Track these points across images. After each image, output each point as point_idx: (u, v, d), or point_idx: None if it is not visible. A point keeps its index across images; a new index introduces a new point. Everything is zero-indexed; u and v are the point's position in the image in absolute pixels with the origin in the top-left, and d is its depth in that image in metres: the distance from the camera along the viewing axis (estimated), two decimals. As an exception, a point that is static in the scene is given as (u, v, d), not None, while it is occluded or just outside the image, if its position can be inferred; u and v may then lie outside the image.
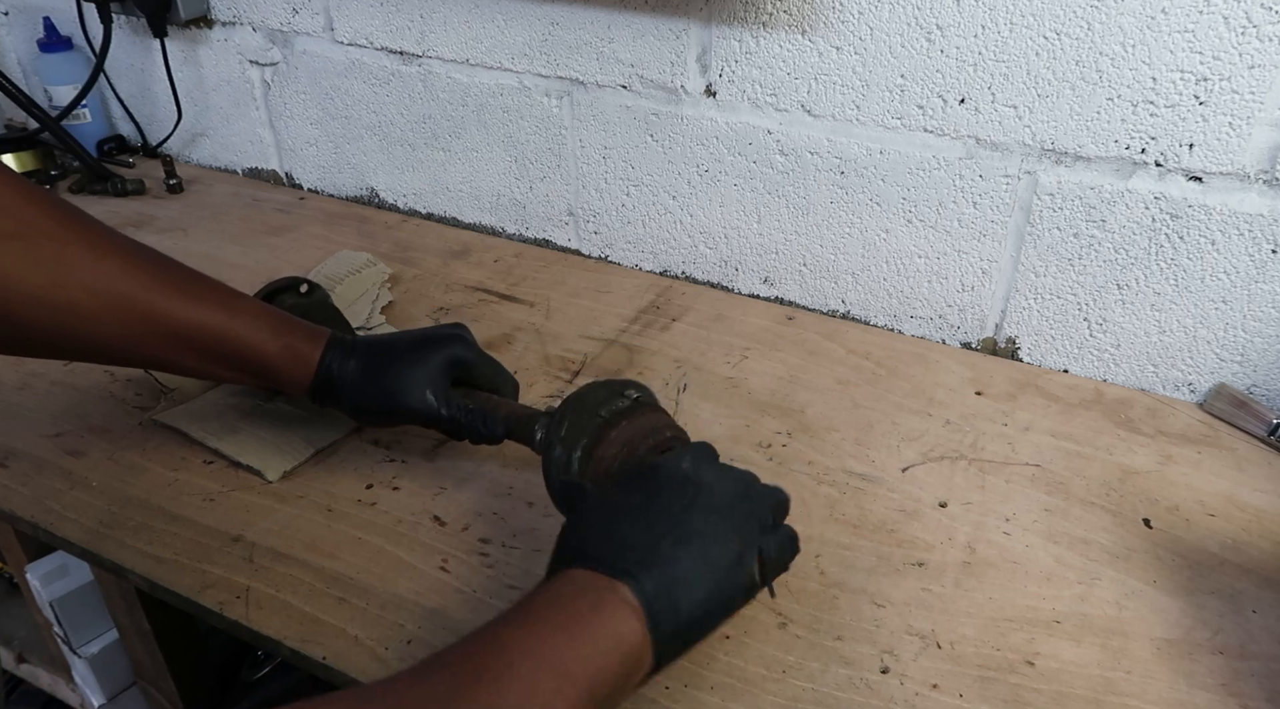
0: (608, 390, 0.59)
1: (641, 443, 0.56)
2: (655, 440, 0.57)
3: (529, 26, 0.96)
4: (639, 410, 0.58)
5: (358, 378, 0.65)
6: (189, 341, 0.62)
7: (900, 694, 0.55)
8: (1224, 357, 0.80)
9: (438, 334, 0.68)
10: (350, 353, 0.65)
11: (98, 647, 0.88)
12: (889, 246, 0.89)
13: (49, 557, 0.86)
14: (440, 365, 0.65)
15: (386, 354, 0.66)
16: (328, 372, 0.64)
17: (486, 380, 0.68)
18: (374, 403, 0.65)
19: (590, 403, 0.58)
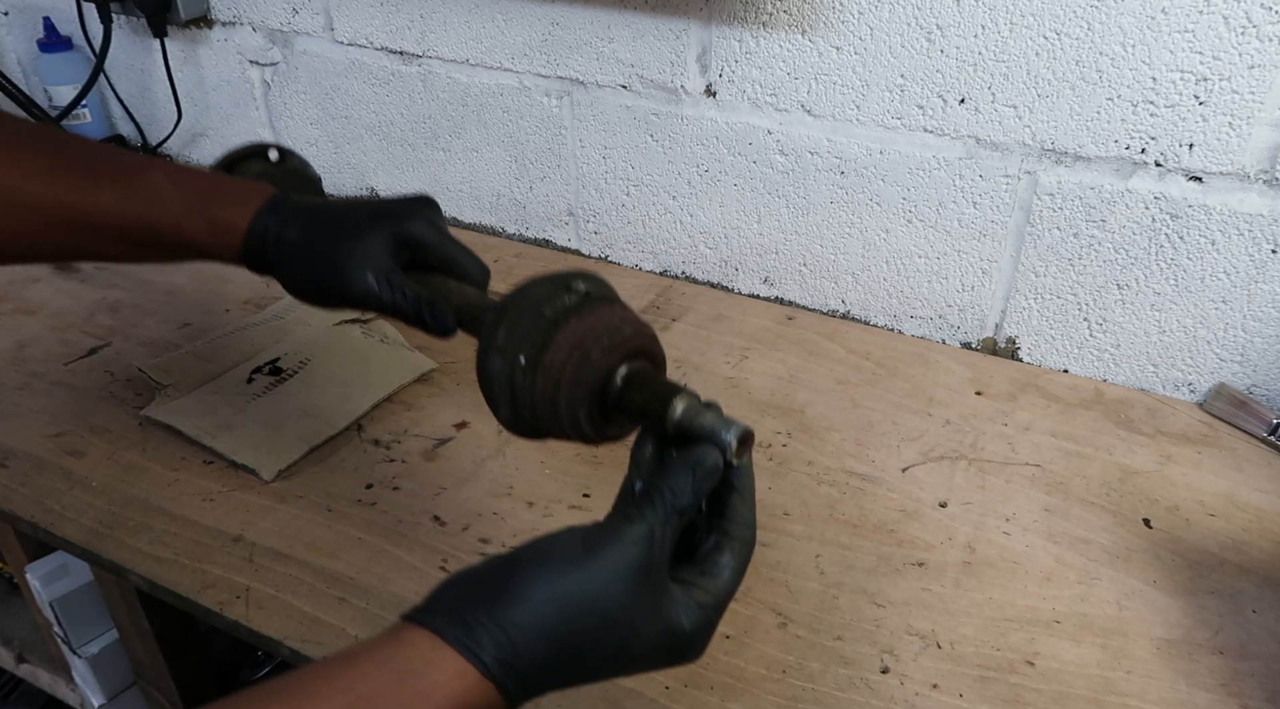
0: (551, 284, 0.49)
1: (595, 344, 0.46)
2: (612, 340, 0.47)
3: (529, 26, 0.96)
4: (590, 306, 0.48)
5: (295, 247, 0.56)
6: (92, 229, 0.55)
7: (900, 694, 0.55)
8: (1224, 356, 0.80)
9: (393, 207, 0.58)
10: (293, 218, 0.57)
11: (98, 647, 0.88)
12: (889, 246, 0.89)
13: (49, 557, 0.86)
14: (388, 242, 0.56)
15: (332, 224, 0.57)
16: (260, 238, 0.56)
17: (447, 264, 0.58)
18: (308, 277, 0.57)
19: (531, 300, 0.48)
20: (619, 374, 0.47)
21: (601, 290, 0.50)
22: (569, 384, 0.46)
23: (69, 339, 0.88)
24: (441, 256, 0.58)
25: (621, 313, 0.49)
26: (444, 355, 0.86)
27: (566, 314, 0.47)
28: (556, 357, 0.46)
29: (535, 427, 0.48)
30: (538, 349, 0.46)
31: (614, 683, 0.54)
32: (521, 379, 0.47)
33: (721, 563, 0.43)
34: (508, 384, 0.47)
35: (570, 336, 0.46)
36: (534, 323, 0.47)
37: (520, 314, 0.47)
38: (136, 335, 0.89)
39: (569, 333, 0.46)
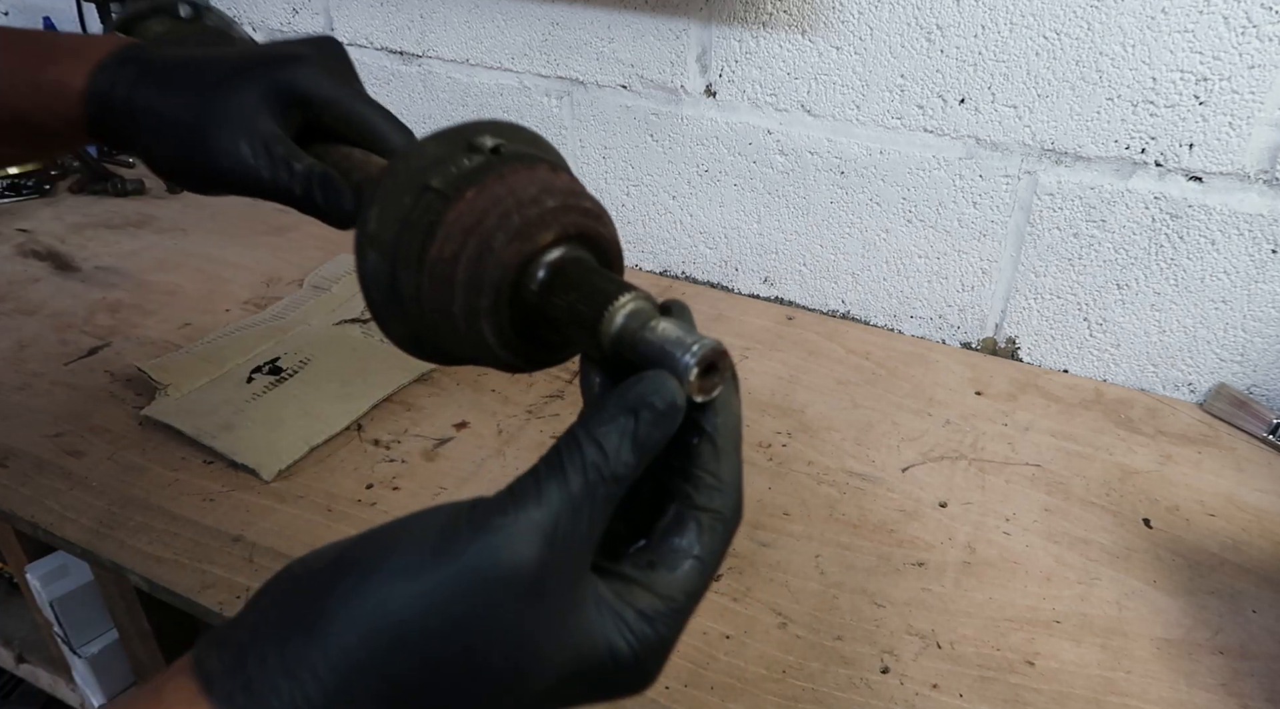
0: (448, 142, 0.36)
1: (501, 226, 0.32)
2: (527, 218, 0.33)
3: (529, 26, 0.96)
4: (497, 170, 0.34)
5: (149, 111, 0.43)
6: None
7: (900, 694, 0.55)
8: (1224, 356, 0.80)
9: (272, 53, 0.45)
10: (147, 73, 0.44)
11: (98, 647, 0.88)
12: (889, 246, 0.89)
13: (49, 557, 0.86)
14: (266, 98, 0.43)
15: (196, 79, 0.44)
16: (103, 101, 0.44)
17: (350, 127, 0.45)
18: (169, 150, 0.44)
19: (417, 167, 0.35)
20: (539, 269, 0.33)
21: (518, 146, 0.36)
22: (465, 286, 0.33)
23: (69, 339, 0.88)
24: (344, 116, 0.45)
25: (546, 177, 0.34)
26: (444, 355, 0.86)
27: (462, 183, 0.34)
28: (446, 247, 0.33)
29: (440, 347, 0.36)
30: (421, 237, 0.34)
31: (614, 683, 0.54)
32: (407, 280, 0.34)
33: (680, 547, 0.29)
34: (388, 290, 0.35)
35: (467, 216, 0.33)
36: (417, 199, 0.34)
37: (399, 187, 0.35)
38: (136, 335, 0.89)
39: (465, 210, 0.33)
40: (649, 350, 0.29)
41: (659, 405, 0.28)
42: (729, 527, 0.30)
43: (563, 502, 0.26)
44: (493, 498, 0.27)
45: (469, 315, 0.33)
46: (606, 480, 0.27)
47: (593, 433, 0.27)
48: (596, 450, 0.27)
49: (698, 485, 0.30)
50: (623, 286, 0.31)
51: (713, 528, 0.29)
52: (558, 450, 0.27)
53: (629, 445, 0.27)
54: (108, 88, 0.44)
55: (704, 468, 0.30)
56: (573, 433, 0.28)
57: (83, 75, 0.44)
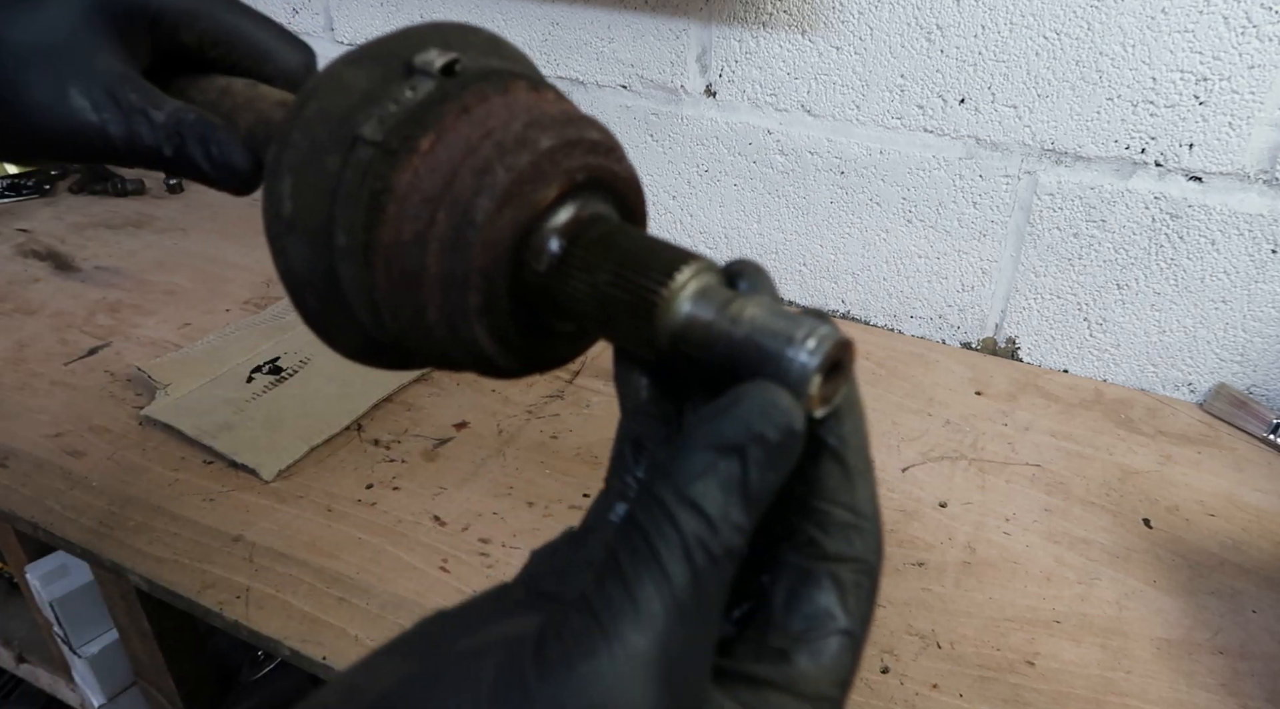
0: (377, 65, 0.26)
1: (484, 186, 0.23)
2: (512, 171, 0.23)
3: (529, 26, 0.96)
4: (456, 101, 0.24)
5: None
6: None
7: (900, 694, 0.55)
8: (1224, 357, 0.80)
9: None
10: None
11: (98, 647, 0.88)
12: (889, 246, 0.89)
13: (49, 557, 0.86)
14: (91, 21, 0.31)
15: None
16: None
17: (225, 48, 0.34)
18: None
19: (334, 109, 0.25)
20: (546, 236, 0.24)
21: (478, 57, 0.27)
22: (442, 282, 0.24)
23: (69, 339, 0.88)
24: (213, 33, 0.33)
25: (529, 101, 0.25)
26: (444, 355, 0.86)
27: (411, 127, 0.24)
28: (405, 228, 0.24)
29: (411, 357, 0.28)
30: (363, 215, 0.24)
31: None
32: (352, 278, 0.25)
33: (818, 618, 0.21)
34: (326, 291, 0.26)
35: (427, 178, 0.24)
36: (345, 158, 0.25)
37: (317, 143, 0.25)
38: (136, 335, 0.89)
39: (422, 170, 0.24)
40: (738, 349, 0.21)
41: (773, 436, 0.19)
42: (876, 579, 0.22)
43: (669, 613, 0.18)
44: (567, 618, 0.18)
45: (453, 320, 0.24)
46: (719, 561, 0.18)
47: (686, 493, 0.19)
48: (698, 519, 0.18)
49: (827, 526, 0.22)
50: (677, 255, 0.22)
51: (858, 585, 0.22)
52: (640, 529, 0.18)
53: (739, 502, 0.19)
54: None
55: (833, 500, 0.22)
56: (655, 497, 0.19)
57: None
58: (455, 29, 0.27)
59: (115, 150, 0.31)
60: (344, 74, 0.25)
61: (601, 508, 0.24)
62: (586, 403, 0.80)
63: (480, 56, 0.27)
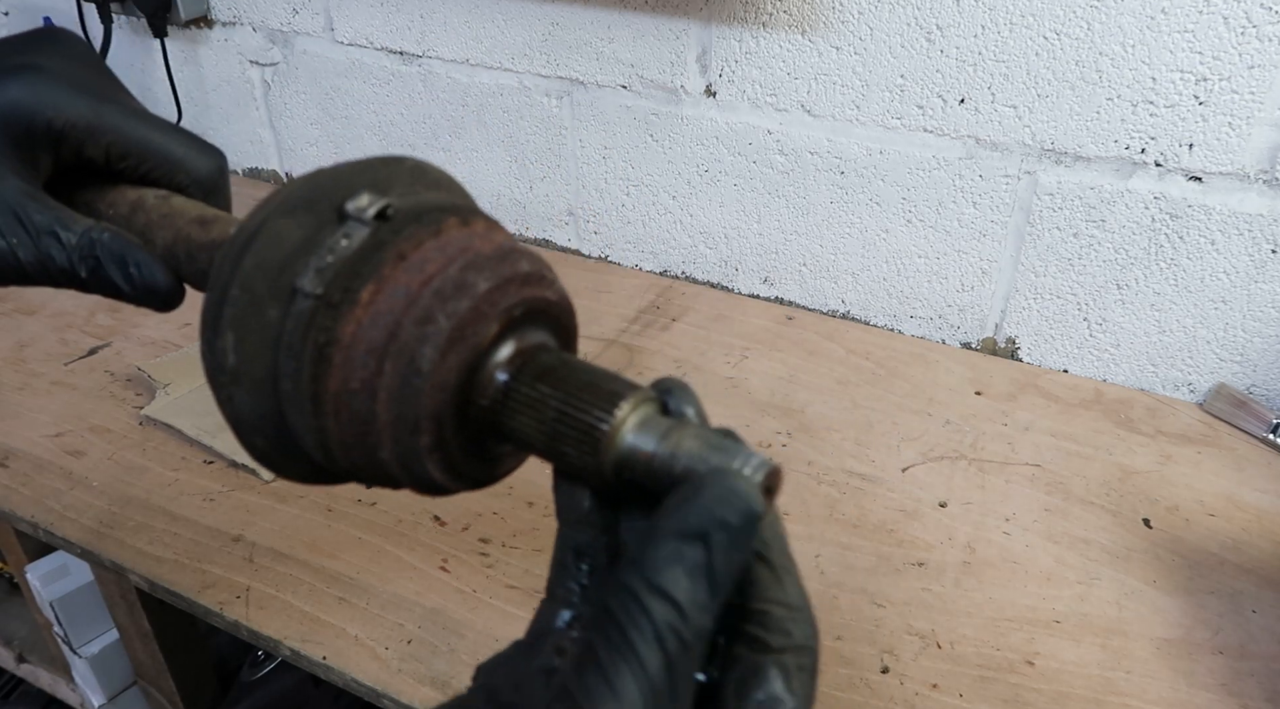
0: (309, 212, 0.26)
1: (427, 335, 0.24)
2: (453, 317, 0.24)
3: (529, 26, 0.96)
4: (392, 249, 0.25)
5: None
6: None
7: (900, 694, 0.55)
8: (1224, 356, 0.80)
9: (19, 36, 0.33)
10: None
11: (98, 647, 0.88)
12: (889, 246, 0.89)
13: (49, 557, 0.86)
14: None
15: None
16: None
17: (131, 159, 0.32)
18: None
19: (272, 260, 0.25)
20: (489, 374, 0.25)
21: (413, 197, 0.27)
22: (392, 426, 0.25)
23: (69, 339, 0.88)
24: (118, 146, 0.32)
25: (462, 240, 0.26)
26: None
27: (350, 279, 0.24)
28: (353, 378, 0.24)
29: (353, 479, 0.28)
30: (310, 367, 0.25)
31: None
32: (301, 424, 0.26)
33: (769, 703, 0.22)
34: (276, 434, 0.27)
35: (371, 329, 0.24)
36: (286, 309, 0.25)
37: (256, 295, 0.25)
38: (136, 335, 0.89)
39: (365, 322, 0.24)
40: (679, 478, 0.22)
41: (735, 521, 0.20)
42: (815, 657, 0.23)
43: (646, 698, 0.19)
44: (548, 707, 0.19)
45: (406, 459, 0.25)
46: (689, 644, 0.20)
47: (655, 581, 0.20)
48: (667, 606, 0.19)
49: (767, 624, 0.23)
50: (617, 387, 0.24)
51: (800, 667, 0.23)
52: (613, 619, 0.19)
53: (705, 587, 0.20)
54: None
55: (768, 598, 0.23)
56: (626, 586, 0.20)
57: None
58: (382, 164, 0.27)
59: (25, 274, 0.30)
60: (278, 225, 0.25)
61: (547, 615, 0.25)
62: (586, 403, 0.80)
63: (409, 191, 0.27)
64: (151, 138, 0.32)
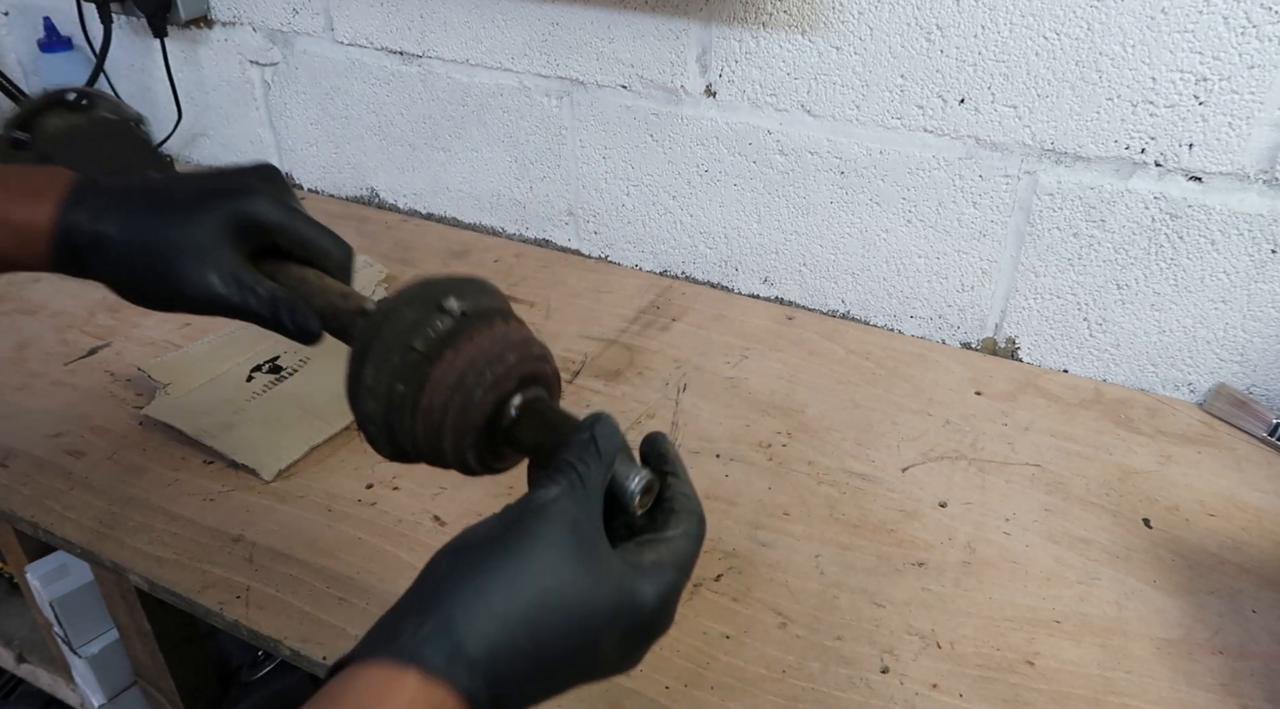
0: (422, 305, 0.43)
1: (478, 382, 0.41)
2: (496, 373, 0.42)
3: (529, 26, 0.96)
4: (467, 331, 0.42)
5: (116, 245, 0.47)
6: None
7: (900, 694, 0.55)
8: (1224, 356, 0.80)
9: (226, 183, 0.49)
10: (106, 208, 0.47)
11: (98, 647, 0.88)
12: (889, 246, 0.89)
13: (49, 557, 0.86)
14: (225, 229, 0.47)
15: (156, 212, 0.47)
16: (70, 240, 0.47)
17: (300, 248, 0.50)
18: (141, 283, 0.48)
19: (400, 329, 0.42)
20: (510, 408, 0.43)
21: (479, 303, 0.44)
22: (453, 430, 0.42)
23: (69, 339, 0.88)
24: (294, 239, 0.49)
25: (505, 332, 0.43)
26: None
27: (440, 345, 0.42)
28: (435, 399, 0.41)
29: (419, 459, 0.45)
30: (413, 390, 0.42)
31: (614, 683, 0.54)
32: (401, 422, 0.42)
33: (668, 527, 0.40)
34: (385, 428, 0.43)
35: (449, 374, 0.41)
36: (404, 358, 0.42)
37: (388, 348, 0.42)
38: (136, 335, 0.89)
39: (446, 369, 0.41)
40: None
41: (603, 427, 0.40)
42: (698, 517, 0.41)
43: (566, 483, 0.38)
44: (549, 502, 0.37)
45: (457, 450, 0.43)
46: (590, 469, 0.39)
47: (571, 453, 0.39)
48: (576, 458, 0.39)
49: (672, 498, 0.41)
50: (574, 423, 0.42)
51: (689, 516, 0.40)
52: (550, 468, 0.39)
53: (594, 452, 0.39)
54: (70, 228, 0.47)
55: (672, 488, 0.41)
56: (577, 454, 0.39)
57: (48, 215, 0.47)
58: (465, 281, 0.44)
59: (231, 309, 0.48)
60: (406, 305, 0.43)
61: None
62: (587, 403, 0.80)
63: (476, 298, 0.44)
64: (315, 238, 0.50)
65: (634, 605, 0.37)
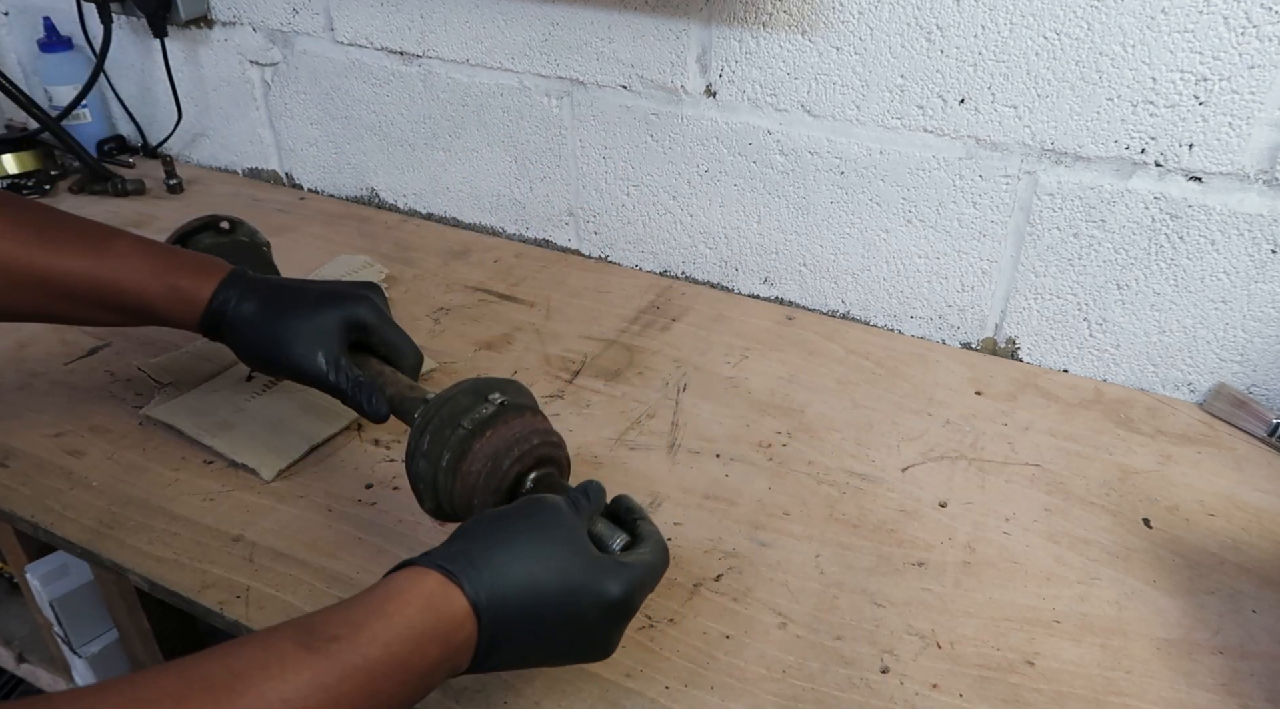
0: (473, 396, 0.56)
1: (507, 455, 0.54)
2: (522, 451, 0.54)
3: (529, 26, 0.96)
4: (504, 417, 0.55)
5: (252, 321, 0.62)
6: (56, 289, 0.61)
7: (900, 694, 0.55)
8: (1224, 356, 0.80)
9: (344, 291, 0.65)
10: (250, 292, 0.63)
11: (98, 647, 0.88)
12: (889, 246, 0.89)
13: (49, 557, 0.86)
14: (338, 325, 0.62)
15: (287, 302, 0.63)
16: (220, 309, 0.62)
17: (385, 348, 0.65)
18: (263, 351, 0.63)
19: (453, 412, 0.55)
20: (528, 480, 0.55)
21: (517, 399, 0.57)
22: (483, 490, 0.54)
23: (69, 339, 0.88)
24: (382, 340, 0.64)
25: (532, 422, 0.56)
26: (444, 356, 0.86)
27: (483, 426, 0.54)
28: (474, 466, 0.54)
29: (452, 516, 0.56)
30: (456, 457, 0.54)
31: (614, 683, 0.54)
32: (444, 481, 0.54)
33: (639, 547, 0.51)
34: (431, 485, 0.55)
35: (486, 447, 0.54)
36: (453, 433, 0.54)
37: (443, 424, 0.55)
38: (136, 335, 0.89)
39: (484, 444, 0.54)
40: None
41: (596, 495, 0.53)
42: (661, 544, 0.52)
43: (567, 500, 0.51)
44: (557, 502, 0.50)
45: (483, 506, 0.54)
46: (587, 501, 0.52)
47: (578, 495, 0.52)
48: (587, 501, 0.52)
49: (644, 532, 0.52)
50: None
51: (654, 543, 0.51)
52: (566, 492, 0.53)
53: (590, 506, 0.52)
54: (222, 300, 0.62)
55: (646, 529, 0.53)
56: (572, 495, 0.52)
57: (208, 289, 0.62)
58: (508, 382, 0.58)
59: (326, 386, 0.62)
60: (460, 393, 0.56)
61: None
62: (587, 403, 0.80)
63: (515, 396, 0.57)
64: (398, 341, 0.65)
65: (612, 588, 0.47)
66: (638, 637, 0.58)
